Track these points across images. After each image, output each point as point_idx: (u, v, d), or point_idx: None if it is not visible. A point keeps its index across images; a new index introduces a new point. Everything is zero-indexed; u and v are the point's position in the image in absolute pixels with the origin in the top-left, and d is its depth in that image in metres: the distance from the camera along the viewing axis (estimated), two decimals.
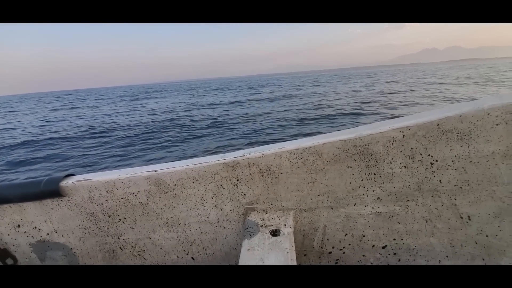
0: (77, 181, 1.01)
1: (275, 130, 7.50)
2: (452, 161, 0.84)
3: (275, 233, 0.93)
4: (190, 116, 11.52)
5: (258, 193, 0.98)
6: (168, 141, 7.21)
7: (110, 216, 1.05)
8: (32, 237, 1.08)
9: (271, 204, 0.99)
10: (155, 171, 0.98)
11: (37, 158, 6.44)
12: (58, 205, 1.04)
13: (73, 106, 22.36)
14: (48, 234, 1.08)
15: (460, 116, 0.80)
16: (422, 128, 0.83)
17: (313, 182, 0.94)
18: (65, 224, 1.07)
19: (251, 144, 6.14)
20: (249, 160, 0.95)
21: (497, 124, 0.78)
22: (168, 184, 0.99)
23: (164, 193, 1.01)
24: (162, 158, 5.81)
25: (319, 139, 0.92)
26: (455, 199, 0.87)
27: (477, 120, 0.79)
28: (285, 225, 0.95)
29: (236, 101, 16.69)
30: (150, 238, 1.07)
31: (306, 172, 0.94)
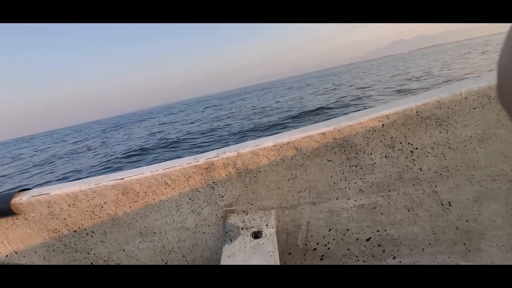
0: (33, 196, 0.91)
1: None
2: (432, 148, 0.83)
3: (256, 235, 0.88)
4: None
5: (237, 194, 0.93)
6: None
7: (75, 231, 0.96)
8: None
9: (251, 205, 0.94)
10: (121, 179, 0.90)
11: None
12: (14, 224, 0.94)
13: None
14: (7, 256, 0.98)
15: (438, 101, 0.79)
16: (401, 116, 0.81)
17: (294, 179, 0.90)
18: (25, 244, 0.97)
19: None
20: (224, 160, 0.89)
21: (474, 108, 0.78)
22: (138, 192, 0.91)
23: (134, 201, 0.92)
24: None
25: (297, 133, 0.87)
26: (436, 186, 0.86)
27: (455, 105, 0.78)
28: (267, 225, 0.90)
29: None
30: (123, 250, 1.00)
31: (285, 168, 0.89)
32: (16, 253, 0.98)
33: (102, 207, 0.92)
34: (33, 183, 7.02)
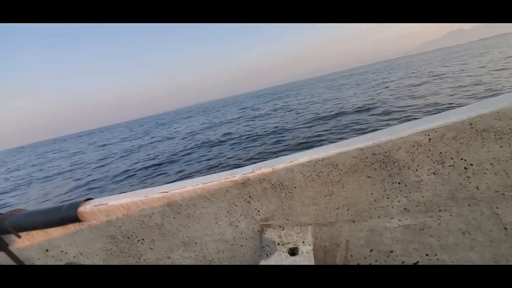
0: (94, 206, 1.03)
1: None
2: (491, 164, 0.74)
3: (293, 251, 0.87)
4: None
5: (273, 209, 0.94)
6: None
7: (129, 237, 1.06)
8: (61, 260, 1.12)
9: (288, 220, 0.94)
10: (166, 192, 0.97)
11: None
12: (80, 229, 1.07)
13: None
14: (74, 257, 1.12)
15: (498, 112, 0.70)
16: (452, 129, 0.74)
17: (330, 195, 0.88)
18: (88, 247, 1.10)
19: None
20: (260, 176, 0.90)
21: None
22: (181, 205, 0.98)
23: (178, 213, 0.99)
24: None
25: (333, 149, 0.85)
26: (497, 208, 0.76)
27: None
28: (303, 242, 0.89)
29: None
30: (169, 257, 1.07)
31: (321, 184, 0.87)
32: (81, 254, 1.12)
33: (150, 217, 1.01)
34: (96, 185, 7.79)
